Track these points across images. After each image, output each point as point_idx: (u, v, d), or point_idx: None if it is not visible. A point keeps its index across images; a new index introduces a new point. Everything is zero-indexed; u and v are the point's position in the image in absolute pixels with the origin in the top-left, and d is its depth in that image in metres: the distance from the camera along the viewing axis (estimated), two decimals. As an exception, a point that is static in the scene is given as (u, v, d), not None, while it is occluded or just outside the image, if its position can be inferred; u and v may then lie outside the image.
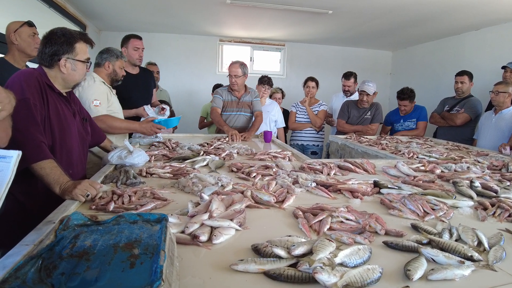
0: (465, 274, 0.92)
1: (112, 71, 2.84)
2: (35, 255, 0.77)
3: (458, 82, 4.31)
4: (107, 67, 2.81)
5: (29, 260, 0.74)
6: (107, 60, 2.82)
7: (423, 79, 6.52)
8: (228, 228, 1.16)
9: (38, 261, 0.76)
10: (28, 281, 0.68)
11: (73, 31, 1.87)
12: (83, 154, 2.08)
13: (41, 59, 1.83)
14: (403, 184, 1.83)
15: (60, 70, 1.83)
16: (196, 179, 1.77)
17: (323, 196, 1.66)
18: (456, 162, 2.46)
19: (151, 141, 3.04)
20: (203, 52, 6.87)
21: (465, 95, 4.30)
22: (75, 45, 1.84)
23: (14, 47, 2.66)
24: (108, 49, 2.89)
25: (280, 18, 5.28)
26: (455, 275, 0.91)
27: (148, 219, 1.00)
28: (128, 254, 0.79)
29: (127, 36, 3.65)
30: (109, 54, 2.83)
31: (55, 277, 0.70)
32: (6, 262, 0.87)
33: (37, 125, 1.65)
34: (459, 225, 1.22)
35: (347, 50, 7.31)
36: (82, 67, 1.90)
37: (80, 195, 1.43)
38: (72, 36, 1.83)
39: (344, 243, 1.08)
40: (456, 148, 3.44)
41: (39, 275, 0.71)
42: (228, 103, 3.96)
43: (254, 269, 0.91)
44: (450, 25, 5.13)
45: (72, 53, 1.83)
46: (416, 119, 4.45)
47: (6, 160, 0.81)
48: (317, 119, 4.63)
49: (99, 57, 2.84)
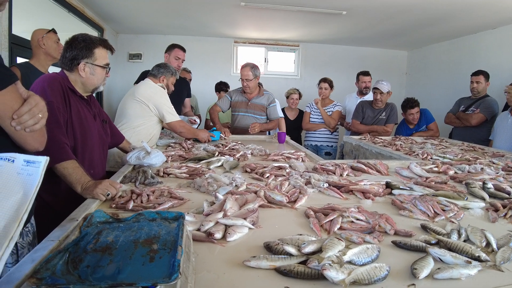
0: (472, 273, 0.94)
1: (165, 85, 3.04)
2: (63, 249, 0.83)
3: (473, 82, 4.26)
4: (161, 80, 3.03)
5: (57, 254, 0.81)
6: (163, 74, 3.04)
7: (439, 78, 6.45)
8: (241, 227, 1.20)
9: (65, 255, 0.82)
10: (57, 272, 0.74)
11: (94, 37, 1.94)
12: (103, 155, 2.16)
13: (63, 63, 1.92)
14: (415, 185, 1.84)
15: (79, 74, 1.90)
16: (211, 179, 1.82)
17: (335, 196, 1.69)
18: (470, 163, 2.46)
19: (168, 142, 3.14)
20: (218, 53, 6.94)
21: (481, 95, 4.25)
22: (94, 51, 1.90)
23: (41, 51, 2.80)
24: (166, 64, 3.12)
25: (294, 19, 5.30)
26: (461, 274, 0.93)
27: (166, 217, 1.05)
28: (148, 249, 0.84)
29: (173, 45, 3.86)
30: (166, 70, 3.05)
31: (81, 269, 0.76)
32: (34, 256, 0.93)
33: (60, 127, 1.73)
34: (468, 226, 1.24)
35: (362, 50, 7.27)
36: (101, 72, 1.97)
37: (100, 194, 1.50)
38: (92, 42, 1.90)
39: (353, 242, 1.11)
40: (471, 149, 3.41)
41: (66, 267, 0.77)
42: (237, 103, 4.02)
43: (265, 266, 0.95)
44: (466, 24, 5.06)
45: (91, 58, 1.90)
46: (425, 124, 4.43)
47: (35, 165, 0.87)
48: (331, 119, 4.63)
49: (156, 69, 3.05)
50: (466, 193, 1.76)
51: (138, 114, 2.84)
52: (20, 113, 1.09)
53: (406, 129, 4.58)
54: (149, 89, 2.88)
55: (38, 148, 1.24)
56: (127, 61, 6.63)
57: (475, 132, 4.17)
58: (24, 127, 1.11)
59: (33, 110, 1.12)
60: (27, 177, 0.84)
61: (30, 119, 1.11)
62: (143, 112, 2.84)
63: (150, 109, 2.85)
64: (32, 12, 3.91)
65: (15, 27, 3.04)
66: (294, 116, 5.00)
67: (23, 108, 1.10)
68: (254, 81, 3.86)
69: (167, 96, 3.00)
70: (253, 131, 3.83)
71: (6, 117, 1.08)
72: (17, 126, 1.09)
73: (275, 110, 4.06)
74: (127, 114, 2.83)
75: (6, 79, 1.08)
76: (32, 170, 0.85)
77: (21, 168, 0.85)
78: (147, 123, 2.89)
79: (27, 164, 0.86)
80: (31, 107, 1.12)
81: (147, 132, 2.88)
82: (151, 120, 2.90)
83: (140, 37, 6.58)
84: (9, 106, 1.08)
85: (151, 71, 3.09)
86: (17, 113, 1.09)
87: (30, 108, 1.11)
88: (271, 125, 4.06)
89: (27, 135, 1.14)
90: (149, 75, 3.08)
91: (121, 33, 6.55)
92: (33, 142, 1.20)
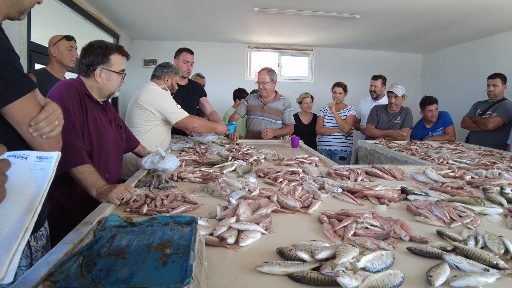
0: (489, 282, 0.92)
1: (170, 84, 3.05)
2: (77, 253, 0.84)
3: (490, 85, 4.19)
4: (166, 80, 3.03)
5: (72, 257, 0.82)
6: (167, 74, 3.04)
7: (455, 82, 6.36)
8: (254, 232, 1.20)
9: (80, 258, 0.83)
10: (71, 275, 0.75)
11: (110, 44, 1.98)
12: (118, 160, 2.19)
13: (79, 69, 1.96)
14: (431, 190, 1.81)
15: (95, 79, 1.94)
16: (225, 183, 1.82)
17: (349, 202, 1.67)
18: (487, 168, 2.41)
19: (182, 147, 3.15)
20: (231, 59, 6.98)
21: (498, 98, 4.16)
22: (110, 57, 1.95)
23: (54, 59, 2.85)
24: (168, 64, 3.11)
25: (307, 24, 5.30)
26: (478, 282, 0.91)
27: (179, 221, 1.05)
28: (161, 254, 0.85)
29: (180, 49, 3.87)
30: (169, 69, 3.05)
31: (95, 273, 0.77)
32: (50, 259, 0.95)
33: (76, 132, 1.76)
34: (485, 233, 1.21)
35: (376, 54, 7.21)
36: (117, 78, 2.00)
37: (115, 198, 1.51)
38: (108, 48, 1.95)
39: (368, 249, 1.10)
40: (488, 153, 3.34)
41: (80, 271, 0.78)
42: (253, 107, 4.03)
43: (278, 271, 0.95)
44: (482, 26, 4.98)
45: (107, 64, 1.94)
46: (444, 127, 4.36)
47: (48, 160, 0.89)
48: (345, 124, 4.60)
49: (159, 70, 3.05)
50: (483, 198, 1.73)
51: (144, 120, 2.83)
52: (38, 120, 1.12)
53: (422, 128, 4.53)
54: (150, 95, 2.84)
55: None
56: (142, 66, 6.72)
57: (492, 136, 4.08)
58: (41, 134, 1.13)
59: (50, 118, 1.15)
60: (40, 172, 0.87)
61: (46, 126, 1.14)
62: (148, 118, 2.83)
63: (154, 114, 2.83)
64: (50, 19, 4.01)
65: (33, 34, 3.12)
66: (308, 120, 4.98)
67: (40, 116, 1.12)
68: (270, 84, 3.88)
69: (170, 97, 2.96)
70: (266, 137, 3.85)
71: (24, 124, 1.11)
72: (34, 133, 1.12)
73: (290, 116, 4.08)
74: (133, 121, 2.84)
75: (25, 86, 1.10)
76: (45, 165, 0.88)
77: (34, 164, 0.87)
78: (155, 128, 2.88)
79: (39, 160, 0.88)
80: (48, 114, 1.14)
81: (156, 137, 2.89)
82: (157, 125, 2.90)
83: (155, 43, 6.68)
84: (27, 113, 1.11)
85: (154, 73, 3.07)
86: (35, 120, 1.11)
87: (47, 116, 1.14)
88: (285, 131, 4.06)
89: (43, 141, 1.17)
90: (153, 77, 3.07)
91: (136, 39, 6.65)
92: (49, 149, 1.21)
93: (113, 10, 4.78)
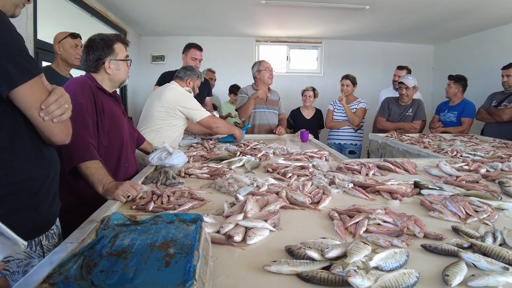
0: (510, 281, 0.87)
1: (192, 87, 3.10)
2: (78, 253, 0.82)
3: (504, 75, 4.06)
4: (188, 82, 3.08)
5: (72, 258, 0.79)
6: (190, 77, 3.09)
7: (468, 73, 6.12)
8: (262, 229, 1.17)
9: (80, 259, 0.80)
10: (70, 277, 0.72)
11: (109, 35, 2.00)
12: (133, 149, 2.23)
13: (87, 66, 1.96)
14: (445, 184, 1.76)
15: (106, 72, 1.97)
16: (232, 179, 1.79)
17: (360, 197, 1.63)
18: (503, 161, 2.33)
19: (190, 143, 3.14)
20: (239, 53, 6.93)
21: (513, 89, 4.05)
22: (114, 47, 1.97)
23: (58, 56, 2.84)
24: (193, 67, 3.18)
25: (316, 16, 5.21)
26: (498, 282, 0.86)
27: (184, 219, 1.03)
28: (164, 254, 0.82)
29: (189, 45, 3.88)
30: (192, 72, 3.11)
31: (95, 274, 0.74)
32: (53, 258, 0.93)
33: (87, 128, 1.76)
34: (504, 229, 1.15)
35: (387, 45, 7.07)
36: (124, 65, 2.03)
37: (121, 196, 1.50)
38: (110, 39, 1.96)
39: (380, 246, 1.06)
40: (504, 145, 3.25)
41: (80, 272, 0.75)
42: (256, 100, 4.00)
43: (287, 271, 0.91)
44: (495, 15, 4.84)
45: (113, 54, 1.96)
46: (459, 113, 4.28)
47: None
48: (355, 117, 4.51)
49: (183, 72, 3.10)
50: (500, 192, 1.67)
51: (164, 117, 2.86)
52: (48, 103, 1.12)
53: (444, 103, 4.62)
54: (175, 95, 2.89)
55: (65, 140, 1.27)
56: (151, 62, 6.71)
57: (508, 128, 3.96)
58: (52, 117, 1.14)
59: (60, 100, 1.15)
60: None
61: (57, 109, 1.14)
62: (168, 116, 2.87)
63: (177, 112, 2.88)
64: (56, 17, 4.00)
65: (40, 32, 3.10)
66: (310, 115, 4.90)
67: (50, 98, 1.13)
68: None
69: (193, 98, 3.02)
70: (281, 134, 3.92)
71: (34, 108, 1.11)
72: (45, 117, 1.12)
73: (282, 106, 4.30)
74: (152, 117, 2.86)
75: (34, 69, 1.10)
76: None
77: None
78: (171, 125, 2.90)
79: None
80: (57, 97, 1.14)
81: (169, 134, 2.90)
82: (175, 123, 2.92)
83: (162, 39, 6.65)
84: (37, 97, 1.11)
85: (178, 74, 3.12)
86: (45, 103, 1.11)
87: (57, 98, 1.14)
88: (284, 122, 4.30)
89: (54, 126, 1.17)
90: (176, 77, 3.11)
91: (144, 35, 6.63)
92: (60, 134, 1.22)
93: (119, 7, 4.76)
